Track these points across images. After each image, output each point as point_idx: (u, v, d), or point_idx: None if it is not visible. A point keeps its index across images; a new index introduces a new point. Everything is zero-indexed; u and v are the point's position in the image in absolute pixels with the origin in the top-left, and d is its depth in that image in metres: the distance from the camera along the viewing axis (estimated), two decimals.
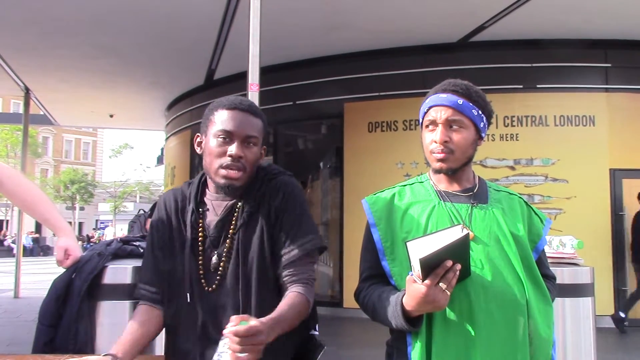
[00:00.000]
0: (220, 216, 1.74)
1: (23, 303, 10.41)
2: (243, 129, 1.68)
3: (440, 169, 1.70)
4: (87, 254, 2.09)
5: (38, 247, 31.88)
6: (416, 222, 1.68)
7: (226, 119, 1.68)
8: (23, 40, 8.74)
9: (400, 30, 8.32)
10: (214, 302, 1.69)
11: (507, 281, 1.59)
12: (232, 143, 1.67)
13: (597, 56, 8.66)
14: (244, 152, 1.67)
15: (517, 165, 8.56)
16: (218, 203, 1.75)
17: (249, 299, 1.66)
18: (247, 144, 1.69)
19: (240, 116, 1.69)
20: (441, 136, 1.67)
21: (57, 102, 13.34)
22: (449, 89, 1.72)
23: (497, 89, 8.64)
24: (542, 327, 1.61)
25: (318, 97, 9.51)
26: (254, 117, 1.72)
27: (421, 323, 1.55)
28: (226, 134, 1.67)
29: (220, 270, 1.69)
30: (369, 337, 2.07)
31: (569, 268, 2.67)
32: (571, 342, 2.54)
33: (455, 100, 1.69)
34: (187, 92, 12.44)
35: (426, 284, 1.43)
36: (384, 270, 1.69)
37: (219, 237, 1.72)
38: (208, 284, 1.69)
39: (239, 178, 1.68)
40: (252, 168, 1.71)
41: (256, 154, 1.72)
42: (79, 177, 42.72)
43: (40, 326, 1.94)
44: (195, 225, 1.73)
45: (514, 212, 1.72)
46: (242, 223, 1.71)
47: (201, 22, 7.94)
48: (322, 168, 10.48)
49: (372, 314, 1.68)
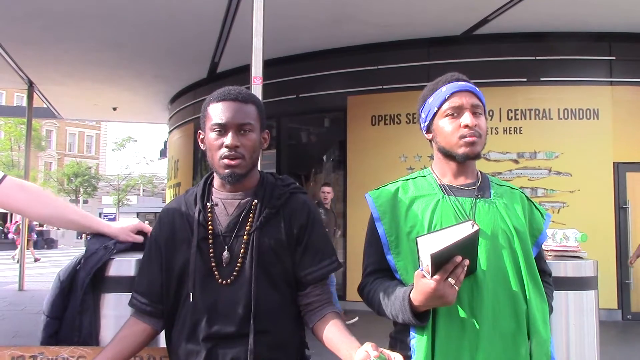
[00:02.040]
0: (234, 214, 1.73)
1: (27, 295, 10.46)
2: (234, 118, 1.68)
3: (470, 154, 1.68)
4: (92, 246, 2.09)
5: (42, 239, 31.95)
6: (421, 216, 1.68)
7: (218, 112, 1.70)
8: (27, 33, 8.74)
9: (404, 23, 8.30)
10: (224, 295, 1.67)
11: (509, 276, 1.61)
12: (226, 134, 1.68)
13: (601, 49, 8.62)
14: (239, 141, 1.68)
15: (520, 158, 8.55)
16: (229, 202, 1.75)
17: (258, 298, 1.66)
18: (242, 131, 1.69)
19: (231, 106, 1.70)
20: (472, 119, 1.67)
21: (61, 95, 13.36)
22: (461, 78, 1.74)
23: (500, 82, 8.63)
24: (541, 323, 1.62)
25: (321, 90, 9.51)
26: (245, 104, 1.72)
27: (428, 318, 1.56)
28: (220, 126, 1.68)
29: (238, 265, 1.68)
30: (373, 330, 2.07)
31: (573, 261, 2.67)
32: (574, 335, 2.54)
33: (474, 87, 1.72)
34: (190, 86, 12.45)
35: (436, 279, 1.43)
36: (388, 264, 1.69)
37: (231, 234, 1.71)
38: (222, 276, 1.68)
39: (239, 165, 1.68)
40: (252, 155, 1.72)
41: (254, 140, 1.71)
42: (82, 170, 42.79)
43: (45, 318, 1.95)
44: (204, 223, 1.72)
45: (516, 206, 1.72)
46: (259, 224, 1.70)
47: (204, 15, 7.93)
48: (325, 161, 10.49)
49: (377, 309, 1.69)
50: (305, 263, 1.73)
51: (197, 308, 1.68)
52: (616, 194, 8.33)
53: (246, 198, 1.75)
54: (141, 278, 1.80)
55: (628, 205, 8.34)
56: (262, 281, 1.67)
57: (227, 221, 1.72)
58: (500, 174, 8.25)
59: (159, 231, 1.79)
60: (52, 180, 43.02)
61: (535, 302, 1.62)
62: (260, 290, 1.66)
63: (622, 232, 8.31)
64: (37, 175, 41.51)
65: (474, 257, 1.52)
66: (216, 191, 1.78)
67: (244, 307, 1.65)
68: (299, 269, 1.73)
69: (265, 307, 1.66)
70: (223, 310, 1.66)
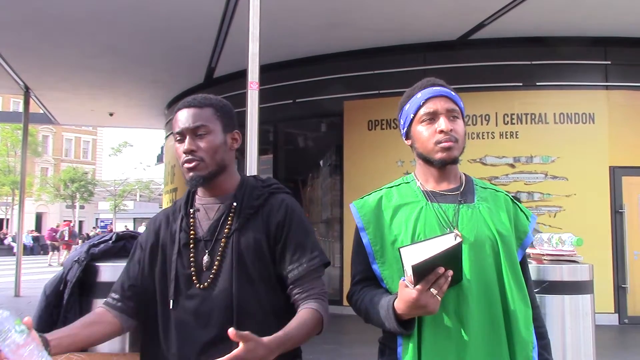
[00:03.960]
0: (214, 217, 1.75)
1: (23, 301, 10.42)
2: (188, 125, 1.71)
3: (446, 159, 1.68)
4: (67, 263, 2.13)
5: (38, 245, 31.88)
6: (405, 224, 1.68)
7: (176, 121, 1.75)
8: (23, 39, 8.74)
9: (401, 28, 8.32)
10: (204, 300, 1.67)
11: (491, 282, 1.62)
12: (184, 141, 1.72)
13: (597, 54, 8.65)
14: (195, 145, 1.70)
15: (516, 162, 8.56)
16: (210, 206, 1.77)
17: (240, 300, 1.65)
18: (197, 135, 1.71)
19: (186, 113, 1.73)
20: (447, 124, 1.67)
21: (57, 101, 13.35)
22: (437, 83, 1.75)
23: (497, 86, 8.66)
24: (523, 327, 1.62)
25: (318, 95, 9.51)
26: (199, 108, 1.74)
27: (413, 326, 1.56)
28: (179, 135, 1.73)
29: (214, 268, 1.68)
30: (369, 335, 2.07)
31: (569, 265, 2.67)
32: (571, 338, 2.55)
33: (449, 91, 1.72)
34: (187, 91, 12.42)
35: (417, 289, 1.44)
36: (374, 273, 1.70)
37: (212, 238, 1.72)
38: (200, 281, 1.68)
39: (197, 167, 1.70)
40: (214, 155, 1.72)
41: (211, 141, 1.72)
42: (79, 175, 42.70)
43: None
44: (186, 229, 1.75)
45: (500, 209, 1.72)
46: (238, 226, 1.71)
47: (201, 21, 7.94)
48: (322, 166, 10.49)
49: (365, 317, 1.69)
50: (285, 261, 1.72)
51: (179, 314, 1.68)
52: (612, 198, 8.35)
53: (226, 202, 1.76)
54: (118, 279, 1.83)
55: (624, 209, 8.35)
56: (243, 283, 1.66)
57: (208, 225, 1.74)
58: (497, 178, 8.26)
59: (145, 237, 1.83)
60: (49, 186, 42.92)
61: (519, 306, 1.62)
62: (240, 292, 1.65)
63: (618, 236, 8.32)
64: (34, 181, 41.42)
65: (459, 268, 1.52)
66: (199, 198, 1.81)
67: (225, 310, 1.64)
68: (280, 268, 1.72)
69: (247, 309, 1.65)
70: (204, 315, 1.66)
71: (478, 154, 8.51)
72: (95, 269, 2.39)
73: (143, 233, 1.86)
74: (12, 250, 24.99)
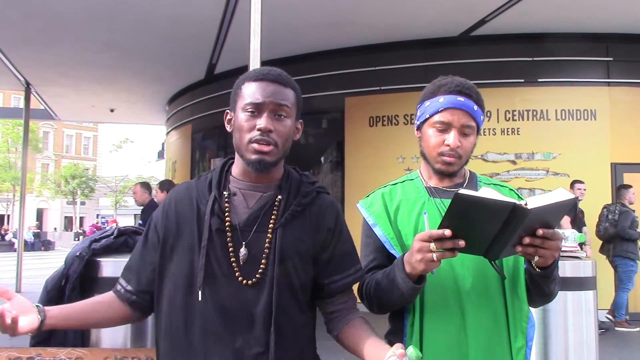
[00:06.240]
0: (254, 207, 1.56)
1: (25, 297, 10.42)
2: (271, 100, 1.53)
3: (444, 172, 1.71)
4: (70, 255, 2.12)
5: (39, 241, 31.91)
6: (407, 219, 1.70)
7: (253, 91, 1.54)
8: (24, 34, 8.73)
9: (401, 24, 8.30)
10: (244, 299, 1.49)
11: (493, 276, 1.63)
12: (260, 116, 1.52)
13: (598, 50, 8.64)
14: (273, 125, 1.52)
15: (518, 159, 8.55)
16: (250, 193, 1.58)
17: (279, 301, 1.50)
18: (278, 116, 1.54)
19: (269, 87, 1.54)
20: (455, 141, 1.66)
21: (58, 97, 13.34)
22: (464, 92, 1.68)
23: (498, 83, 8.63)
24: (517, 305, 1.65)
25: (319, 92, 9.49)
26: (284, 87, 1.57)
27: (424, 280, 1.55)
28: (254, 106, 1.52)
29: (262, 265, 1.51)
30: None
31: (571, 261, 2.67)
32: (573, 334, 2.54)
33: (472, 106, 1.68)
34: (187, 87, 12.42)
35: (422, 234, 1.43)
36: (387, 260, 1.69)
37: (250, 229, 1.54)
38: (244, 277, 1.50)
39: (270, 152, 1.52)
40: (285, 143, 1.57)
41: (288, 127, 1.56)
42: (79, 171, 42.74)
43: None
44: (219, 213, 1.54)
45: None
46: (283, 221, 1.54)
47: (202, 17, 7.92)
48: (323, 162, 10.47)
49: (375, 293, 1.66)
50: (330, 270, 1.60)
51: (207, 309, 1.49)
52: (614, 194, 8.33)
53: (269, 191, 1.58)
54: (130, 266, 1.64)
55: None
56: (282, 285, 1.51)
57: (247, 214, 1.55)
58: (498, 175, 8.25)
59: (161, 217, 1.61)
60: (50, 182, 42.95)
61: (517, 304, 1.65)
62: (280, 295, 1.50)
63: None
64: (35, 177, 41.43)
65: (514, 232, 1.43)
66: (235, 179, 1.61)
67: (263, 313, 1.49)
68: (323, 276, 1.59)
69: (284, 313, 1.51)
70: (238, 315, 1.49)
71: (479, 150, 8.48)
72: (97, 264, 2.39)
73: (157, 212, 1.64)
74: (13, 246, 25.01)
